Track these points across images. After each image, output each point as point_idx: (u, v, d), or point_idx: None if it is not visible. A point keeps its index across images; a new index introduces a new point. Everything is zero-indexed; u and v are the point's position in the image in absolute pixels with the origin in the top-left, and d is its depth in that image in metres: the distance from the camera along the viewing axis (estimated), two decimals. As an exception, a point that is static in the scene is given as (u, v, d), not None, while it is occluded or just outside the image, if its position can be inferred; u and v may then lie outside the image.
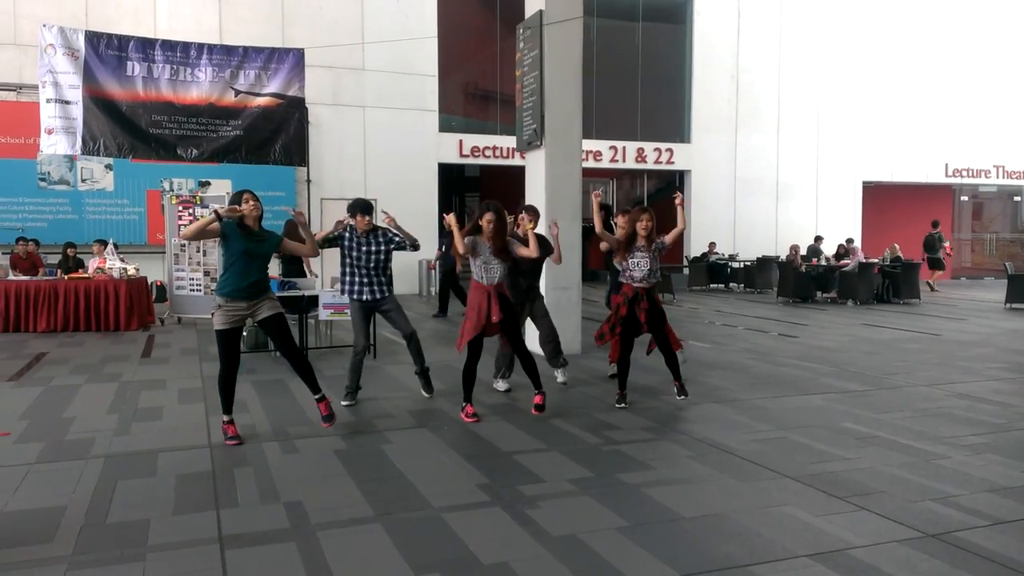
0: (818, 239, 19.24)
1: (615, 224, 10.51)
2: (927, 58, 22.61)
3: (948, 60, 22.70)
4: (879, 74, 22.31)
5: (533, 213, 6.94)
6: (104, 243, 12.39)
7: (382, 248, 6.58)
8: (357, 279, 6.59)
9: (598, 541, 3.74)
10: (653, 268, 6.44)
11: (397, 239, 6.59)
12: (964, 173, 23.77)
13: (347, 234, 6.53)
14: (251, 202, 5.39)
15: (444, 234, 11.73)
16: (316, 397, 5.73)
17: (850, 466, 4.91)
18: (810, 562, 3.51)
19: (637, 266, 6.42)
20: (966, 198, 26.15)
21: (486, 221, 6.00)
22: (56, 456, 5.15)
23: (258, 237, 5.43)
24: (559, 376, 7.38)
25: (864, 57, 22.17)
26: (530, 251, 6.17)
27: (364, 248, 6.52)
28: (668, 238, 6.52)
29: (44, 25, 11.09)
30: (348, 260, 6.57)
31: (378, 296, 6.62)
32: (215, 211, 5.30)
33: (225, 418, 5.55)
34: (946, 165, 23.45)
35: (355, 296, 6.61)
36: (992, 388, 7.35)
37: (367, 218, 6.53)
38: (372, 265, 6.56)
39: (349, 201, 6.77)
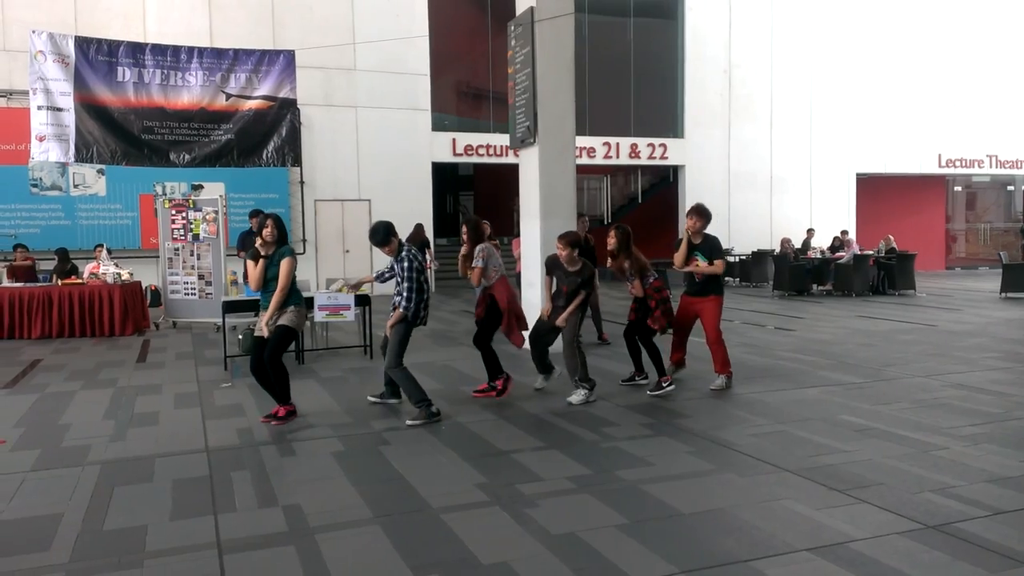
0: (810, 232, 19.31)
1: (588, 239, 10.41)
2: (919, 49, 22.63)
3: (940, 50, 22.73)
4: (872, 65, 22.33)
5: (563, 241, 6.63)
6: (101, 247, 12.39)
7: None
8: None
9: (598, 539, 3.73)
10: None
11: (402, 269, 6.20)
12: (957, 163, 23.81)
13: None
14: (267, 227, 6.06)
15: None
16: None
17: (849, 459, 4.91)
18: (811, 556, 3.50)
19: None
20: (959, 188, 26.19)
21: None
22: (52, 463, 5.13)
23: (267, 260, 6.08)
24: (572, 397, 6.60)
25: (856, 48, 22.18)
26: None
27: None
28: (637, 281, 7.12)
29: (33, 31, 11.03)
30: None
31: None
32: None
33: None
34: (939, 156, 23.49)
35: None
36: (989, 378, 7.35)
37: (386, 247, 6.20)
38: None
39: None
